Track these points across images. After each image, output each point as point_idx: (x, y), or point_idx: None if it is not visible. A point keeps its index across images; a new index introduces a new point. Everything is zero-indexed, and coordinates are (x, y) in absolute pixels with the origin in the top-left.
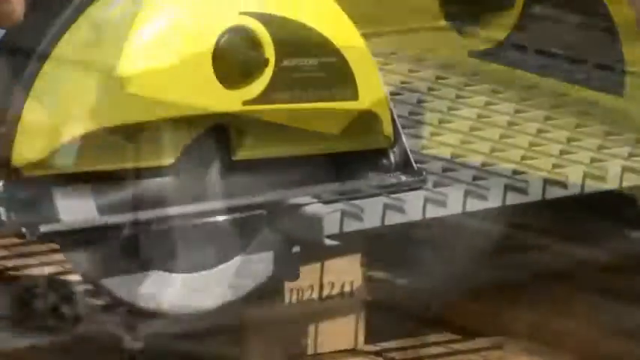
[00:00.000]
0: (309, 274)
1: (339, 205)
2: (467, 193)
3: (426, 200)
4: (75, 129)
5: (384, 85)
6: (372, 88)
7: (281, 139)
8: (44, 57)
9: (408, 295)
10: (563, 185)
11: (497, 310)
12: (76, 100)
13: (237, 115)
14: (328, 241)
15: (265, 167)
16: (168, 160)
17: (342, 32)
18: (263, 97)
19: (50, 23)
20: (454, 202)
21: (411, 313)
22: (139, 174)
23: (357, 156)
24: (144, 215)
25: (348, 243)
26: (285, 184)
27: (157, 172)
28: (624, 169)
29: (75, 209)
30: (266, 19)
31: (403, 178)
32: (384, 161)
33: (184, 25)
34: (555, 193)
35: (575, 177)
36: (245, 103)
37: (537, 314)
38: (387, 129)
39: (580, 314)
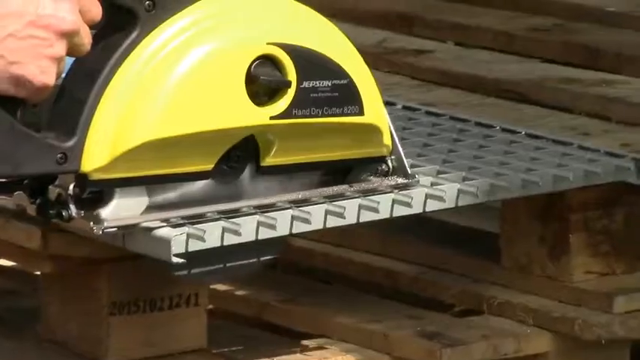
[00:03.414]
0: (158, 286)
1: (185, 229)
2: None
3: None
4: (132, 141)
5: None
6: (375, 105)
7: (300, 148)
8: (106, 83)
9: (244, 304)
10: (409, 205)
11: (319, 315)
12: (132, 117)
13: (265, 128)
14: (175, 259)
15: (288, 172)
16: (208, 166)
17: (350, 59)
18: (286, 113)
19: (110, 54)
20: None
21: (247, 318)
22: (186, 176)
23: (362, 162)
24: (187, 212)
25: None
26: (303, 186)
27: (199, 175)
28: (459, 191)
29: (132, 207)
30: (288, 48)
31: (399, 180)
32: (384, 166)
33: (223, 54)
34: (402, 211)
35: (418, 198)
36: (272, 118)
37: (353, 318)
38: (387, 139)
39: (390, 319)
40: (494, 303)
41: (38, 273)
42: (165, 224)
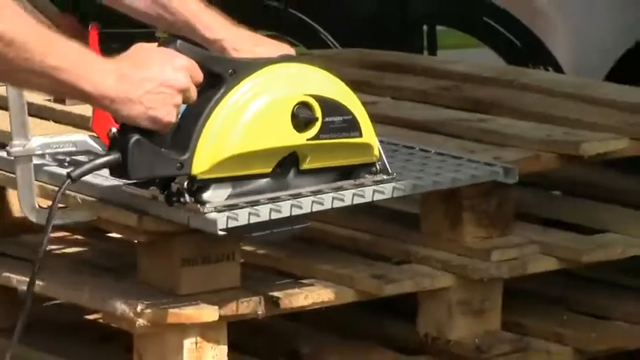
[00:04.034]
0: (210, 248)
1: (226, 213)
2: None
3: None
4: (222, 154)
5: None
6: (369, 130)
7: (324, 158)
8: (206, 120)
9: (264, 258)
10: (363, 196)
11: (311, 265)
12: (222, 140)
13: (303, 146)
14: (221, 233)
15: (316, 172)
16: (269, 169)
17: (352, 102)
18: (316, 137)
19: (208, 102)
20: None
21: (265, 268)
22: (255, 176)
23: (359, 166)
24: (253, 199)
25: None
26: (326, 181)
27: (264, 175)
28: (394, 188)
29: (222, 195)
30: (317, 97)
31: (384, 177)
32: (374, 169)
33: (277, 101)
34: (359, 200)
35: (369, 192)
36: (307, 140)
37: (331, 266)
38: (376, 152)
39: (353, 267)
40: (417, 256)
41: (136, 241)
42: (213, 209)
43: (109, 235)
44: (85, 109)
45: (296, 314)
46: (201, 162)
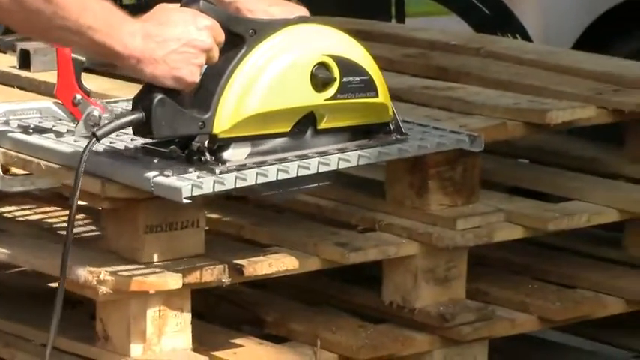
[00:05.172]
0: (174, 215)
1: (190, 181)
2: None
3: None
4: (242, 114)
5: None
6: (384, 91)
7: (341, 118)
8: (227, 79)
9: (228, 226)
10: (328, 165)
11: (275, 233)
12: (242, 100)
13: (321, 106)
14: (186, 201)
15: (333, 132)
16: (287, 128)
17: (368, 63)
18: (334, 97)
19: (229, 63)
20: None
21: (230, 235)
22: (274, 135)
23: (375, 126)
24: (274, 158)
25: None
26: (342, 140)
27: (282, 134)
28: (359, 156)
29: (241, 154)
30: (335, 58)
31: (398, 136)
32: (387, 128)
33: (296, 61)
34: (323, 168)
35: (334, 160)
36: (325, 100)
37: (295, 234)
38: (390, 111)
39: (318, 235)
40: (382, 224)
41: (100, 208)
42: (175, 177)
43: None
44: (50, 76)
45: (260, 282)
46: (222, 121)
